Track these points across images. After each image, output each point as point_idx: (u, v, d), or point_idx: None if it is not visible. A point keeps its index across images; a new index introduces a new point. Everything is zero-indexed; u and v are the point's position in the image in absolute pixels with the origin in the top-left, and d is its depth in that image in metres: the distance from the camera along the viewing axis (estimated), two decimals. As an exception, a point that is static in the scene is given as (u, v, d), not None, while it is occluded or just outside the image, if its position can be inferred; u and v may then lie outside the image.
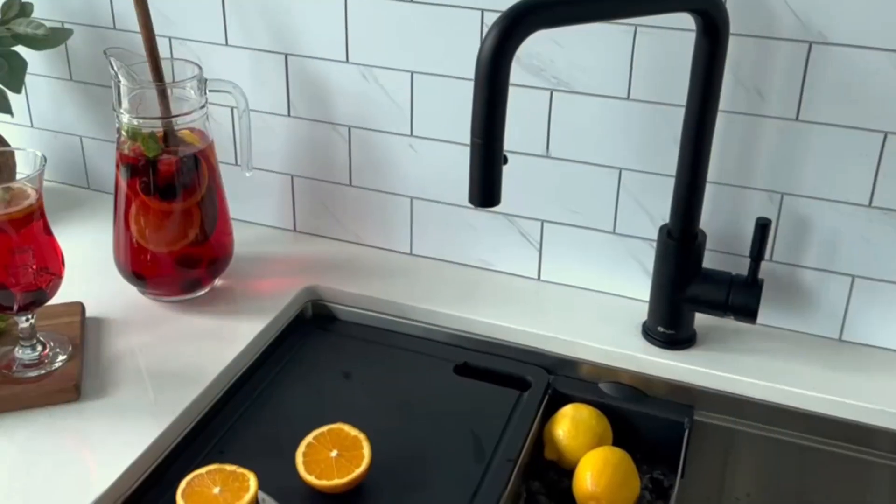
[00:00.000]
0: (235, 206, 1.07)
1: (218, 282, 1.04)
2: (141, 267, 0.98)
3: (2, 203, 0.80)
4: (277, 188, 1.14)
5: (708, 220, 0.94)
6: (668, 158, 0.92)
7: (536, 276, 1.06)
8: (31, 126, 1.24)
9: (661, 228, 0.92)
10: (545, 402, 0.92)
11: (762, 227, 0.87)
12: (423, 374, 0.96)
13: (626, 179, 0.97)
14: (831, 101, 0.86)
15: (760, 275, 0.90)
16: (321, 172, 1.11)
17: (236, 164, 1.13)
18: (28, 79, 1.17)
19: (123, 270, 1.00)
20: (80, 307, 0.95)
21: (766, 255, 0.94)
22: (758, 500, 0.95)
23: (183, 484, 0.75)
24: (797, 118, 0.88)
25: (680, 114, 0.87)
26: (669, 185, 0.90)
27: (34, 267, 0.82)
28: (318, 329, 1.03)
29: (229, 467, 0.77)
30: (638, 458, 0.88)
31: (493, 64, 0.71)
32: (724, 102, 0.87)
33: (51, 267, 0.84)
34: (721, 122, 0.89)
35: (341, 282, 1.05)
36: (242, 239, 1.08)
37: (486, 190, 0.77)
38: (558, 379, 0.95)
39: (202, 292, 1.02)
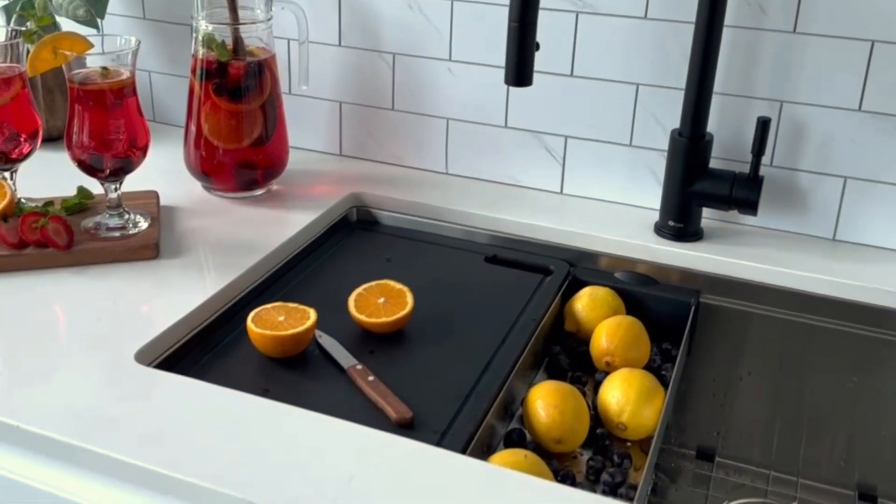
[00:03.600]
0: (289, 133, 1.19)
1: (273, 185, 1.16)
2: (207, 165, 1.11)
3: (101, 77, 0.92)
4: (326, 115, 1.26)
5: (715, 129, 1.05)
6: (681, 73, 1.03)
7: (559, 190, 1.17)
8: (105, 62, 1.37)
9: (673, 131, 1.03)
10: (566, 285, 1.03)
11: (763, 123, 0.98)
12: (456, 262, 1.07)
13: (642, 94, 1.09)
14: (824, 14, 0.98)
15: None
16: (366, 98, 1.23)
17: (290, 92, 1.25)
18: (106, 19, 1.30)
19: (192, 168, 1.12)
20: (155, 194, 1.07)
21: (766, 161, 1.05)
22: (757, 377, 1.04)
23: (252, 314, 0.86)
24: (794, 30, 1.00)
25: (691, 30, 0.98)
26: (681, 97, 1.02)
27: (124, 137, 0.94)
28: (361, 230, 1.15)
29: (292, 304, 0.88)
30: (650, 336, 0.98)
31: (529, -46, 0.84)
32: (729, 17, 0.99)
33: (139, 141, 0.96)
34: (727, 36, 1.00)
35: (383, 190, 1.17)
36: (294, 159, 1.20)
37: (519, 70, 0.89)
38: (578, 269, 1.06)
39: (259, 192, 1.14)
